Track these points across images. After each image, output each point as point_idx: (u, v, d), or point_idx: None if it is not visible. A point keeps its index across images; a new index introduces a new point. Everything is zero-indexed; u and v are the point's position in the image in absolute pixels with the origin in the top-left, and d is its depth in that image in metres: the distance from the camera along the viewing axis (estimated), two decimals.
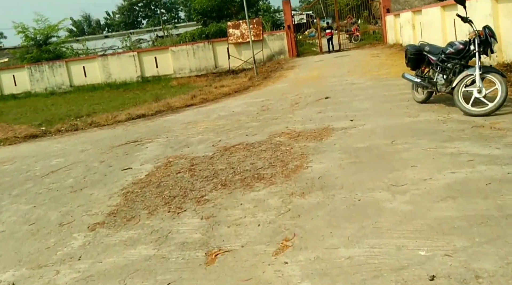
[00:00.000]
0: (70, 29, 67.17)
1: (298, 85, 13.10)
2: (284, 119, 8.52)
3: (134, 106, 15.63)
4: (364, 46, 23.65)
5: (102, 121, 12.26)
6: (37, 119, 15.85)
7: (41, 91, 27.13)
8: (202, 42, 25.75)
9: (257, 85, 14.60)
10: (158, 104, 14.38)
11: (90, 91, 25.43)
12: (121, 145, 8.33)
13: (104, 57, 26.66)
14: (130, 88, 24.38)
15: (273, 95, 11.94)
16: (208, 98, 13.69)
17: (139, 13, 67.14)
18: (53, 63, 26.97)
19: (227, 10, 30.18)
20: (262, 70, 20.34)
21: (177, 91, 19.60)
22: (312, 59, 20.88)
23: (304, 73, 15.96)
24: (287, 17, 23.87)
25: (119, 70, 26.25)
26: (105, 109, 16.34)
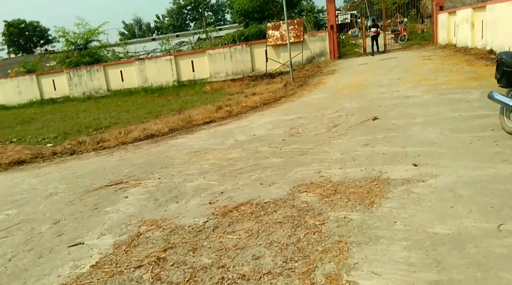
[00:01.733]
0: (122, 32, 66.59)
1: (338, 96, 10.30)
2: (317, 154, 5.82)
3: (155, 118, 13.42)
4: (412, 47, 20.34)
5: (112, 139, 10.04)
6: (55, 131, 13.99)
7: (79, 95, 25.53)
8: (240, 44, 23.23)
9: (290, 95, 11.90)
10: (178, 117, 12.04)
11: (126, 96, 23.59)
12: (100, 189, 5.90)
13: (141, 61, 24.66)
14: (164, 93, 22.33)
15: (306, 110, 9.22)
16: (233, 111, 11.15)
17: (187, 16, 65.57)
18: (91, 68, 25.27)
19: (269, 11, 27.49)
20: (299, 74, 17.58)
21: (208, 98, 17.30)
22: (355, 62, 17.88)
23: (345, 79, 13.09)
24: (330, 17, 20.93)
25: (156, 74, 24.21)
26: (128, 120, 14.28)
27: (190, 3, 64.15)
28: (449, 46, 17.15)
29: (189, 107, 15.15)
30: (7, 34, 51.08)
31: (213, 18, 69.05)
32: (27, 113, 22.13)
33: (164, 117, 13.58)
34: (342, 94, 10.38)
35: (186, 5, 64.95)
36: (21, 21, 49.84)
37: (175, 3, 66.15)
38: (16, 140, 13.62)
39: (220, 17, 69.84)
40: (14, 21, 50.37)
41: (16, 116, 21.13)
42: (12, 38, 50.66)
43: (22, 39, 52.17)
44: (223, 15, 68.14)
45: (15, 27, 49.73)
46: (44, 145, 11.49)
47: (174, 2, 66.15)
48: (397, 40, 22.88)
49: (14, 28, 49.73)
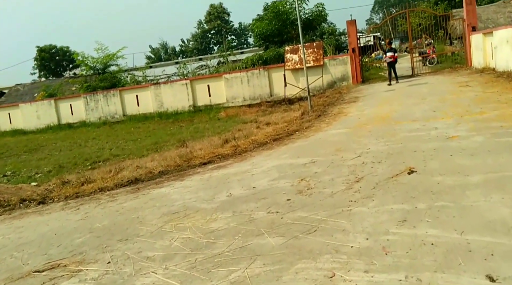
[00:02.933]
0: (149, 56, 66.32)
1: (361, 132, 8.31)
2: (331, 233, 3.87)
3: (157, 151, 11.81)
4: (443, 71, 18.20)
5: (98, 180, 8.37)
6: (54, 164, 12.72)
7: (95, 120, 24.24)
8: (257, 68, 21.53)
9: (306, 128, 9.95)
10: (180, 151, 10.33)
11: (141, 121, 22.15)
12: (26, 276, 4.09)
13: (157, 86, 23.25)
14: (179, 119, 20.76)
15: (323, 151, 7.27)
16: (239, 147, 9.30)
17: (211, 39, 64.83)
18: (107, 92, 24.00)
19: (287, 34, 25.83)
20: (319, 101, 15.67)
21: (220, 127, 15.62)
22: (380, 88, 15.84)
23: (370, 109, 11.10)
24: (352, 39, 19.06)
25: (171, 99, 22.71)
26: (130, 152, 12.87)
27: (213, 28, 63.48)
28: (487, 70, 14.97)
29: (198, 137, 13.52)
30: (38, 59, 51.24)
31: (236, 41, 68.13)
32: (40, 140, 20.95)
33: (166, 150, 11.97)
34: (366, 130, 8.40)
35: (210, 29, 64.29)
36: (52, 46, 49.91)
37: (200, 27, 65.70)
38: (10, 174, 12.23)
39: (243, 40, 68.94)
40: (45, 46, 50.51)
41: (28, 143, 19.98)
42: (43, 62, 50.76)
43: (52, 63, 52.27)
44: (246, 38, 67.18)
45: (46, 52, 49.82)
46: (29, 183, 9.94)
47: (198, 27, 65.78)
48: (425, 63, 20.74)
49: (45, 53, 49.83)
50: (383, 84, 17.33)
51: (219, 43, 61.45)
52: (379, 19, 75.26)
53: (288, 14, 24.90)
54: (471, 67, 17.43)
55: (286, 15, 24.96)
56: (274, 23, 25.44)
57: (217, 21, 64.23)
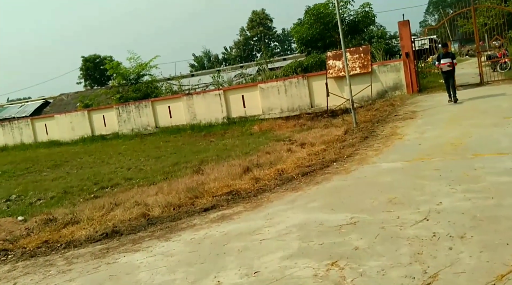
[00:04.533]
0: (192, 64, 65.58)
1: (425, 171, 5.88)
2: None
3: (169, 179, 10.03)
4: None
5: (83, 221, 6.67)
6: (62, 187, 11.30)
7: (128, 132, 22.90)
8: (295, 77, 19.29)
9: (347, 156, 7.57)
10: (190, 181, 8.44)
11: (173, 134, 20.57)
12: None
13: (189, 96, 21.54)
14: (212, 132, 18.94)
15: (368, 203, 4.93)
16: (259, 181, 7.16)
17: (253, 47, 63.06)
18: (139, 103, 22.59)
19: (330, 39, 23.38)
20: (366, 115, 13.20)
21: (249, 144, 13.69)
22: (442, 99, 13.09)
23: (433, 132, 8.57)
24: (405, 42, 16.40)
25: (204, 111, 20.92)
26: (144, 176, 11.44)
27: (256, 34, 61.70)
28: None
29: (223, 157, 11.76)
30: (84, 69, 51.61)
31: (279, 48, 66.06)
32: (69, 153, 19.90)
33: (182, 175, 10.14)
34: (432, 167, 5.97)
35: (252, 36, 62.54)
36: (96, 56, 50.08)
37: (242, 34, 64.13)
38: (14, 198, 10.86)
39: (286, 47, 66.68)
40: (90, 56, 50.79)
41: (56, 157, 18.98)
42: (88, 72, 51.08)
43: (97, 73, 52.54)
44: (289, 45, 64.84)
45: (91, 62, 50.05)
46: (17, 217, 8.34)
47: (241, 34, 64.20)
48: (495, 68, 17.63)
49: (90, 63, 50.08)
50: (445, 94, 14.55)
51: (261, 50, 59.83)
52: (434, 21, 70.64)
53: (330, 17, 22.46)
54: None
55: (328, 18, 22.54)
56: (315, 27, 23.06)
57: (259, 27, 62.46)
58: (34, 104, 40.62)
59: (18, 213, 8.34)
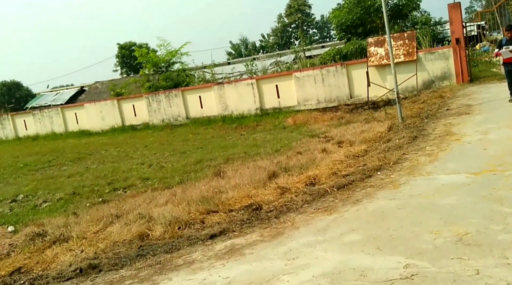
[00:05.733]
0: (229, 52, 64.51)
1: (501, 190, 4.44)
2: None
3: (192, 177, 9.15)
4: None
5: (74, 239, 5.72)
6: (76, 185, 10.43)
7: (158, 122, 22.11)
8: (333, 65, 17.74)
9: (393, 163, 6.15)
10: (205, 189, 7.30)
11: (204, 125, 19.61)
12: None
13: (220, 86, 20.41)
14: (243, 124, 17.80)
15: (429, 241, 3.59)
16: (286, 192, 5.94)
17: (291, 34, 61.05)
18: (169, 93, 21.70)
19: (372, 24, 21.56)
20: (413, 109, 11.62)
21: (282, 139, 12.53)
22: (499, 92, 11.30)
23: (498, 131, 7.01)
24: (456, 27, 14.51)
25: (236, 101, 19.77)
26: (163, 175, 10.48)
27: (294, 21, 59.67)
28: None
29: (251, 154, 10.81)
30: (120, 56, 51.48)
31: (318, 35, 63.65)
32: (96, 144, 19.33)
33: (202, 176, 9.11)
34: (510, 183, 4.53)
35: (291, 23, 60.52)
36: (132, 43, 49.61)
37: (280, 21, 62.22)
38: (21, 198, 10.11)
39: (325, 34, 64.24)
40: (125, 43, 50.45)
41: (83, 148, 18.44)
42: (124, 59, 50.91)
43: (132, 60, 52.37)
44: (328, 31, 62.41)
45: (126, 49, 49.68)
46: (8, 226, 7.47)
47: (278, 21, 62.31)
48: None
49: (125, 50, 49.76)
50: (501, 85, 12.68)
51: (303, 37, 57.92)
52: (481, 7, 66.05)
53: (372, 0, 20.63)
54: None
55: (369, 1, 20.70)
56: (355, 11, 21.30)
57: (297, 14, 60.32)
58: (69, 92, 40.55)
59: (14, 220, 7.47)
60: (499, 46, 9.56)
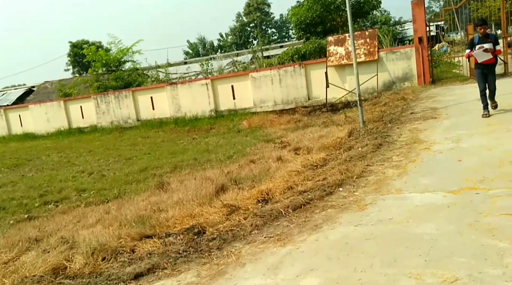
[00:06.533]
0: (187, 52, 62.98)
1: (489, 216, 3.67)
2: None
3: (133, 188, 7.96)
4: None
5: None
6: (6, 197, 9.28)
7: (107, 125, 20.62)
8: (291, 65, 16.96)
9: (357, 177, 5.31)
10: (144, 205, 6.24)
11: (155, 128, 18.37)
12: None
13: (173, 86, 19.20)
14: (197, 127, 16.74)
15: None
16: (234, 212, 5.00)
17: (250, 33, 60.12)
18: (119, 93, 20.24)
19: (331, 22, 20.99)
20: (374, 112, 10.97)
21: (236, 144, 11.62)
22: (464, 94, 10.84)
23: (473, 139, 6.32)
24: (419, 25, 14.06)
25: (190, 102, 18.66)
26: (102, 186, 9.26)
27: (253, 20, 58.82)
28: None
29: (201, 161, 10.02)
30: (72, 55, 49.01)
31: (277, 35, 63.09)
32: (38, 149, 17.77)
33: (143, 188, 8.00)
34: (498, 206, 3.75)
35: (250, 22, 59.63)
36: (84, 41, 47.25)
37: (239, 20, 61.21)
38: None
39: (284, 33, 63.81)
40: (78, 41, 48.05)
41: (23, 153, 16.98)
42: (76, 58, 48.49)
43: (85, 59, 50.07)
44: (287, 31, 62.01)
45: (79, 48, 47.31)
46: None
47: (237, 20, 61.28)
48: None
49: (78, 48, 47.38)
50: (464, 87, 12.31)
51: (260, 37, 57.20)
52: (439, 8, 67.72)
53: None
54: None
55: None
56: (315, 8, 20.64)
57: (256, 13, 59.56)
58: (17, 92, 37.85)
59: None
60: (471, 46, 7.98)
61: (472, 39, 8.22)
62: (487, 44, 7.58)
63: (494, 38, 7.81)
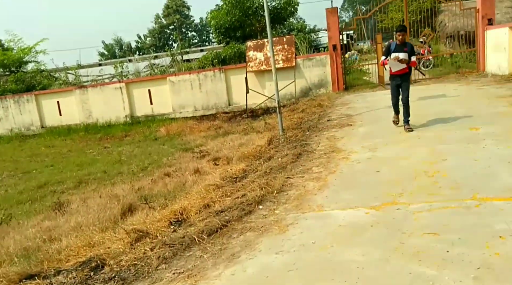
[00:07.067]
0: (102, 53, 59.71)
1: (414, 238, 3.47)
2: None
3: (25, 213, 6.95)
4: (448, 77, 13.75)
5: None
6: None
7: (5, 132, 18.51)
8: (211, 69, 16.45)
9: (277, 192, 4.99)
10: (35, 230, 5.62)
11: (62, 135, 16.77)
12: None
13: (83, 90, 17.73)
14: (109, 134, 15.52)
15: None
16: (141, 238, 4.38)
17: (170, 36, 58.51)
18: (19, 97, 18.26)
19: (251, 27, 20.82)
20: (292, 118, 10.82)
21: (152, 153, 10.89)
22: (376, 101, 11.14)
23: (388, 148, 6.28)
24: (333, 33, 14.28)
25: (102, 107, 17.33)
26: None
27: (172, 23, 57.33)
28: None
29: (111, 175, 8.69)
30: None
31: (197, 38, 62.18)
32: None
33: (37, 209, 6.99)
34: (420, 225, 3.56)
35: (169, 24, 58.06)
36: None
37: (157, 22, 59.30)
38: None
39: (204, 37, 63.08)
40: None
41: None
42: None
43: None
44: (207, 35, 61.36)
45: None
46: None
47: (156, 21, 59.31)
48: (417, 66, 16.21)
49: None
50: (376, 94, 12.66)
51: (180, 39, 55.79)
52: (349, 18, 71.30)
53: (251, 2, 19.84)
54: (484, 73, 13.06)
55: (248, 3, 19.90)
56: (233, 13, 20.33)
57: (176, 15, 58.11)
58: None
59: None
60: (387, 53, 7.29)
61: (388, 46, 7.58)
62: (402, 54, 6.99)
63: (410, 47, 7.16)
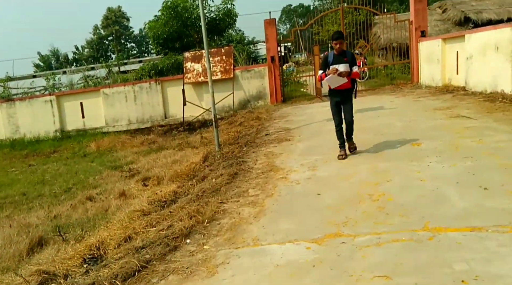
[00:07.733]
0: (37, 64, 55.96)
1: (364, 281, 2.93)
2: None
3: None
4: (384, 88, 13.77)
5: None
6: None
7: None
8: (147, 81, 15.45)
9: (209, 220, 4.29)
10: None
11: None
12: None
13: (10, 103, 16.03)
14: (37, 151, 14.07)
15: None
16: (46, 281, 3.50)
17: (108, 47, 55.92)
18: None
19: (188, 38, 20.02)
20: (230, 133, 10.19)
21: (78, 172, 9.78)
22: (314, 113, 10.81)
23: (329, 167, 5.75)
24: (271, 45, 13.87)
25: (30, 122, 15.79)
26: None
27: (111, 34, 54.93)
28: (453, 89, 10.75)
29: (30, 197, 7.65)
30: None
31: (136, 49, 60.11)
32: None
33: None
34: (368, 263, 3.01)
35: (107, 35, 55.55)
36: None
37: (96, 33, 56.58)
38: None
39: (144, 48, 61.09)
40: None
41: None
42: None
43: None
44: (147, 46, 59.45)
45: None
46: None
47: (94, 32, 56.54)
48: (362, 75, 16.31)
49: None
50: (313, 106, 12.36)
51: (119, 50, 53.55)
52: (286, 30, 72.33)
53: (189, 12, 19.07)
54: (419, 84, 13.22)
55: (187, 14, 19.11)
56: (172, 23, 19.45)
57: (115, 26, 55.79)
58: None
59: None
60: (325, 66, 5.95)
61: (325, 58, 6.17)
62: (342, 65, 5.76)
63: (351, 56, 5.93)
